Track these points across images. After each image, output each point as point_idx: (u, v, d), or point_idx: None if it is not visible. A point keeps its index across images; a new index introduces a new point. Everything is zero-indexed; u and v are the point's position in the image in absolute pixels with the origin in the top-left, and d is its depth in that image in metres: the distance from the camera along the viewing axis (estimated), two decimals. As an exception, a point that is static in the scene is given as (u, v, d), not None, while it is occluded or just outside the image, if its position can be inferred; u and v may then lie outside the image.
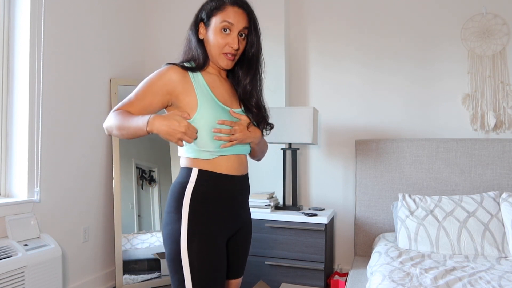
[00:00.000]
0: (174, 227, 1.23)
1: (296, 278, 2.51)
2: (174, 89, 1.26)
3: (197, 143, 1.27)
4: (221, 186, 1.28)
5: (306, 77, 3.07)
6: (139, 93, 1.26)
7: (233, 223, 1.33)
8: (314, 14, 3.05)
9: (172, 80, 1.26)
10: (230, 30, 1.28)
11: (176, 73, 1.27)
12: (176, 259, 1.20)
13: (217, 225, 1.26)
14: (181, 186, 1.26)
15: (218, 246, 1.24)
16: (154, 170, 2.95)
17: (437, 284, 1.63)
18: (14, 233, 2.10)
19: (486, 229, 2.14)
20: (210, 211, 1.25)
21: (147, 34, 3.34)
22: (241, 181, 1.35)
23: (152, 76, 1.28)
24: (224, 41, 1.28)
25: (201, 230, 1.22)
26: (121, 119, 1.20)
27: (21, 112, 2.26)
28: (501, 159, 2.49)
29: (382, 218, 2.69)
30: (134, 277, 2.73)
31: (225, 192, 1.29)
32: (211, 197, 1.26)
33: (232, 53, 1.29)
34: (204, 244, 1.21)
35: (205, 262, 1.20)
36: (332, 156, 2.99)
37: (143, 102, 1.25)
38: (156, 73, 1.28)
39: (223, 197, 1.28)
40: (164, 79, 1.26)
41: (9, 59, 2.29)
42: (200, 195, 1.25)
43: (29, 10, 2.25)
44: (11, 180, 2.29)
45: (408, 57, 2.83)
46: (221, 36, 1.28)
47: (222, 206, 1.28)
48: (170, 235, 1.23)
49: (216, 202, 1.27)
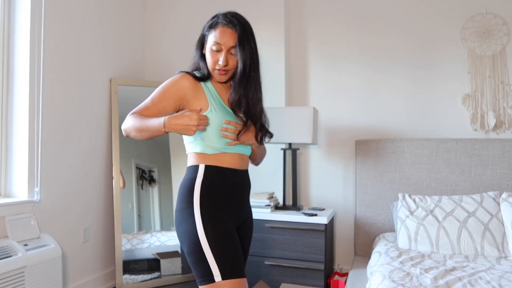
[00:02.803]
0: (189, 222, 1.32)
1: (296, 278, 2.51)
2: (185, 94, 1.40)
3: (205, 139, 1.39)
4: (226, 178, 1.40)
5: (306, 77, 3.07)
6: (154, 98, 1.40)
7: (239, 214, 1.44)
8: (314, 15, 3.05)
9: (184, 86, 1.40)
10: (219, 50, 1.39)
11: (188, 80, 1.41)
12: (197, 250, 1.27)
13: (225, 212, 1.37)
14: (190, 182, 1.38)
15: (231, 230, 1.34)
16: (154, 170, 2.95)
17: (437, 284, 1.63)
18: (14, 233, 2.10)
19: (486, 229, 2.14)
20: (218, 200, 1.36)
21: (147, 34, 3.34)
22: (243, 174, 1.47)
23: (167, 83, 1.42)
24: (214, 59, 1.40)
25: (213, 217, 1.32)
26: (139, 122, 1.33)
27: (21, 112, 2.26)
28: (501, 159, 2.49)
29: (382, 218, 2.69)
30: (134, 277, 2.73)
31: (229, 184, 1.40)
32: (218, 188, 1.38)
33: (222, 69, 1.41)
34: (219, 230, 1.30)
35: (225, 245, 1.28)
36: (332, 156, 2.99)
37: (157, 106, 1.39)
38: (170, 80, 1.42)
39: (228, 188, 1.40)
40: (177, 85, 1.40)
41: (9, 59, 2.29)
42: (208, 188, 1.36)
43: (29, 10, 2.25)
44: (11, 180, 2.29)
45: (408, 57, 2.83)
46: (212, 54, 1.41)
47: (228, 197, 1.39)
48: (186, 229, 1.31)
49: (223, 192, 1.38)
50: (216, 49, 1.39)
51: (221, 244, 1.28)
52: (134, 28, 3.19)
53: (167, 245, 2.86)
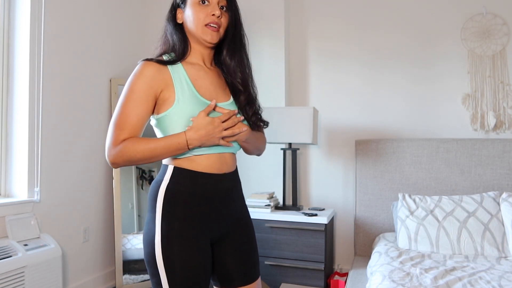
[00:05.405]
0: (149, 227, 1.16)
1: (296, 278, 2.51)
2: (157, 87, 1.15)
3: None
4: (198, 184, 1.17)
5: (306, 77, 3.07)
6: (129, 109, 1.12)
7: (217, 224, 1.21)
8: (314, 14, 3.05)
9: (149, 77, 1.14)
10: (208, 2, 1.20)
11: (152, 69, 1.15)
12: (151, 262, 1.14)
13: (194, 225, 1.16)
14: (157, 184, 1.18)
15: (197, 248, 1.15)
16: (154, 170, 2.95)
17: (437, 284, 1.63)
18: (14, 233, 2.10)
19: (486, 229, 2.14)
20: (185, 210, 1.15)
21: (147, 34, 3.33)
22: (224, 179, 1.22)
23: (131, 84, 1.14)
24: (204, 12, 1.19)
25: (175, 230, 1.13)
26: (141, 151, 1.11)
27: (21, 112, 2.26)
28: (501, 159, 2.49)
29: (382, 218, 2.69)
30: (134, 277, 2.73)
31: (203, 191, 1.17)
32: (186, 196, 1.16)
33: (214, 22, 1.19)
34: (179, 246, 1.12)
35: (182, 265, 1.12)
36: (332, 156, 2.99)
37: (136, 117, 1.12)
38: (134, 79, 1.15)
39: (201, 196, 1.17)
40: (144, 81, 1.14)
41: (9, 59, 2.29)
42: (174, 194, 1.15)
43: (29, 10, 2.25)
44: (11, 180, 2.29)
45: (408, 57, 2.83)
46: (200, 8, 1.19)
47: (199, 206, 1.17)
48: (146, 235, 1.17)
49: (192, 201, 1.16)
50: (205, 2, 1.19)
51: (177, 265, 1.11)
52: (134, 28, 3.19)
53: (167, 245, 2.86)
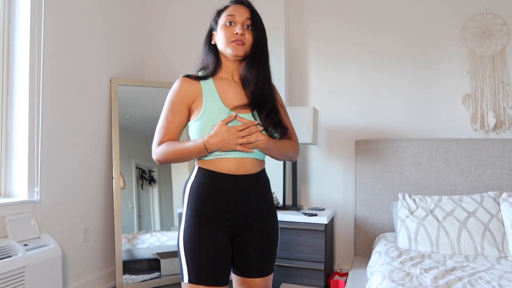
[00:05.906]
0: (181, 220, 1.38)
1: (296, 278, 2.51)
2: (189, 99, 1.37)
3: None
4: (218, 183, 1.33)
5: (306, 77, 3.07)
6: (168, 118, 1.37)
7: (235, 219, 1.35)
8: (314, 14, 3.05)
9: (187, 91, 1.37)
10: (234, 23, 1.38)
11: (186, 84, 1.38)
12: (177, 248, 1.36)
13: (213, 219, 1.33)
14: (186, 182, 1.41)
15: (214, 239, 1.31)
16: (154, 170, 2.95)
17: (437, 284, 1.63)
18: (14, 233, 2.10)
19: (486, 229, 2.14)
20: (206, 205, 1.33)
21: (147, 34, 3.34)
22: (241, 180, 1.35)
23: (170, 95, 1.39)
24: (230, 31, 1.37)
25: (196, 222, 1.32)
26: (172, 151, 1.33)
27: (21, 112, 2.26)
28: (501, 159, 2.48)
29: (382, 218, 2.69)
30: (134, 277, 2.73)
31: (222, 189, 1.33)
32: (207, 193, 1.33)
33: (238, 39, 1.36)
34: (199, 236, 1.30)
35: (199, 252, 1.29)
36: (332, 156, 2.99)
37: (175, 124, 1.37)
38: (173, 91, 1.39)
39: (220, 194, 1.33)
40: (180, 94, 1.37)
41: (9, 59, 2.29)
42: (197, 190, 1.35)
43: (29, 10, 2.25)
44: (11, 180, 2.29)
45: (408, 57, 2.83)
46: (227, 28, 1.38)
47: (219, 203, 1.33)
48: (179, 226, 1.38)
49: (213, 198, 1.33)
50: (230, 21, 1.37)
51: (195, 251, 1.29)
52: (134, 28, 3.19)
53: (167, 245, 2.86)
